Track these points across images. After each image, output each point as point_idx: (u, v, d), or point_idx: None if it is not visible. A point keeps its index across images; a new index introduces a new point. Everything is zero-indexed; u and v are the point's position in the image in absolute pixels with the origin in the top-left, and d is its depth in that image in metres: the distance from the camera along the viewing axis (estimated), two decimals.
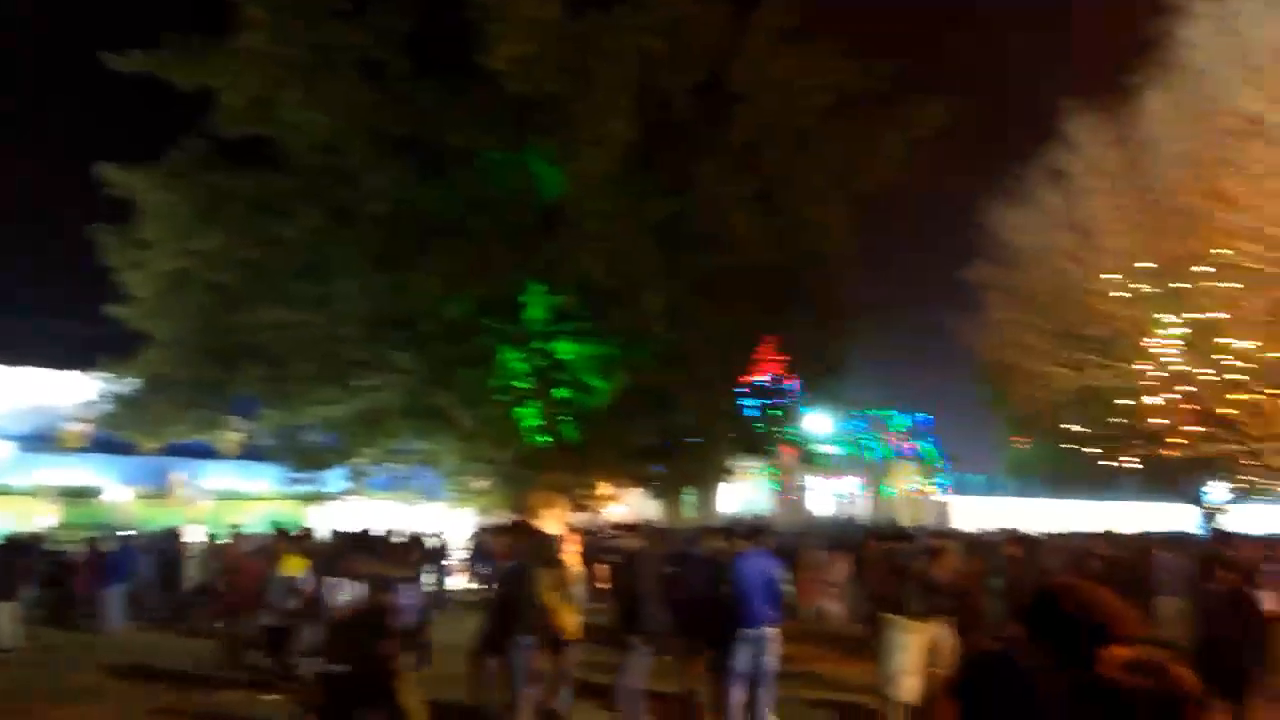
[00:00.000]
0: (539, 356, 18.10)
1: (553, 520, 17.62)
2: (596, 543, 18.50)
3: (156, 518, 22.41)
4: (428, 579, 16.04)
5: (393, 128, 15.87)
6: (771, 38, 16.25)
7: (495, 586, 9.42)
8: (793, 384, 22.43)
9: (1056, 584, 2.46)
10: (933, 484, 36.50)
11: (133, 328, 17.26)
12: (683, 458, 20.00)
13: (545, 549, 8.94)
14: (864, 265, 20.96)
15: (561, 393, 18.54)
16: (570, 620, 8.45)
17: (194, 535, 16.90)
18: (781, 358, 22.03)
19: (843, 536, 17.92)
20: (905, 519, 29.83)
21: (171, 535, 16.41)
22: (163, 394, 17.38)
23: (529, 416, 18.28)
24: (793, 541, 18.11)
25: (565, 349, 18.01)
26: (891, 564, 15.92)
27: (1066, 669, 2.17)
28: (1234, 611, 8.30)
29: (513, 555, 8.61)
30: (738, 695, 8.21)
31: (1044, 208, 10.34)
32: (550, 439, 18.13)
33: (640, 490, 22.01)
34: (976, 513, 33.30)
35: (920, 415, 36.96)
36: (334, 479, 18.56)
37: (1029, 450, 24.86)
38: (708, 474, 21.13)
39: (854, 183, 18.28)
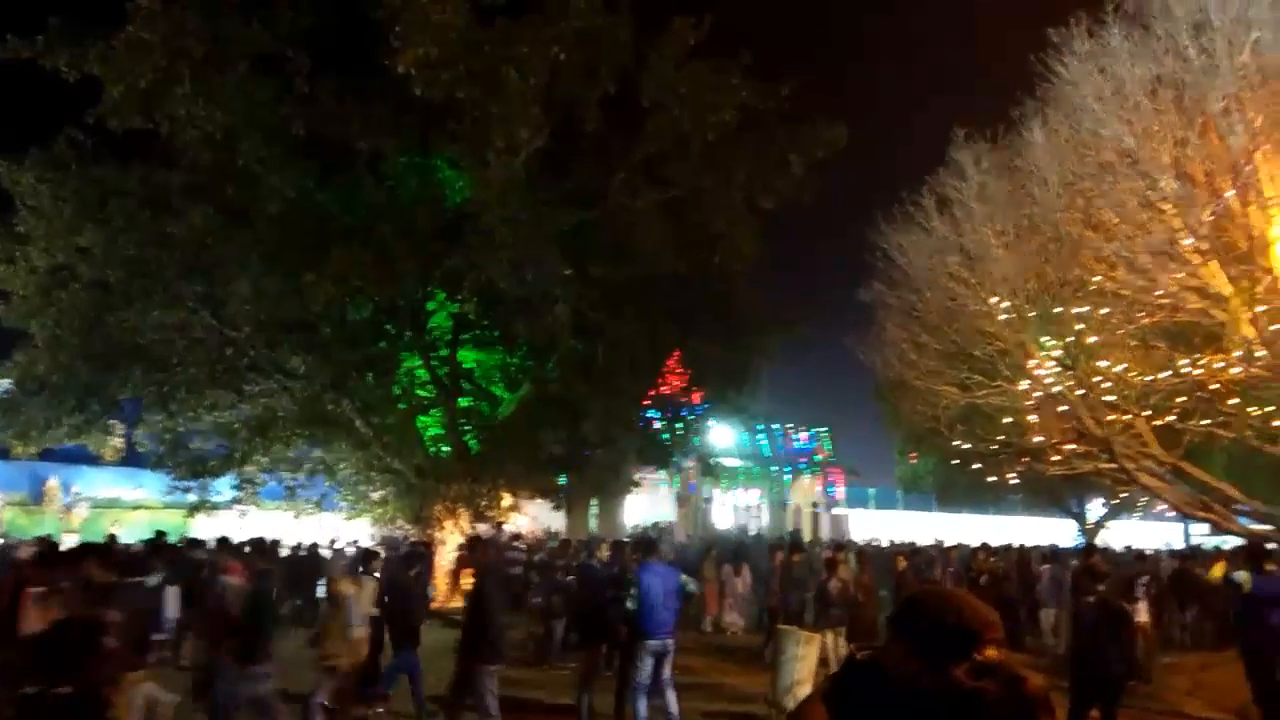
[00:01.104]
0: (442, 364, 17.86)
1: (454, 532, 17.40)
2: (498, 555, 18.33)
3: (31, 527, 21.19)
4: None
5: (292, 127, 15.45)
6: (679, 53, 16.48)
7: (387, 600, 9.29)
8: (698, 396, 22.67)
9: (923, 592, 2.50)
10: (832, 497, 37.37)
11: (8, 326, 16.35)
12: (588, 469, 19.99)
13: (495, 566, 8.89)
14: (770, 281, 21.34)
15: (465, 402, 18.33)
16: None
17: (70, 544, 16.02)
18: (688, 370, 22.26)
19: (742, 548, 18.19)
20: (805, 531, 30.46)
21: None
22: (39, 396, 16.49)
23: (431, 425, 18.00)
24: (693, 553, 18.29)
25: (469, 357, 17.83)
26: (788, 576, 16.32)
27: (931, 674, 2.20)
28: (1106, 622, 8.75)
29: (477, 573, 8.50)
30: (642, 706, 8.27)
31: (934, 232, 10.73)
32: (452, 449, 17.89)
33: (544, 501, 21.89)
34: (872, 525, 34.28)
35: (821, 430, 37.85)
36: (222, 488, 17.88)
37: (921, 465, 25.74)
38: (613, 485, 21.17)
39: (760, 199, 18.65)
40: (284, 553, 16.21)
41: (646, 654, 8.30)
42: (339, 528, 20.75)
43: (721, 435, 27.73)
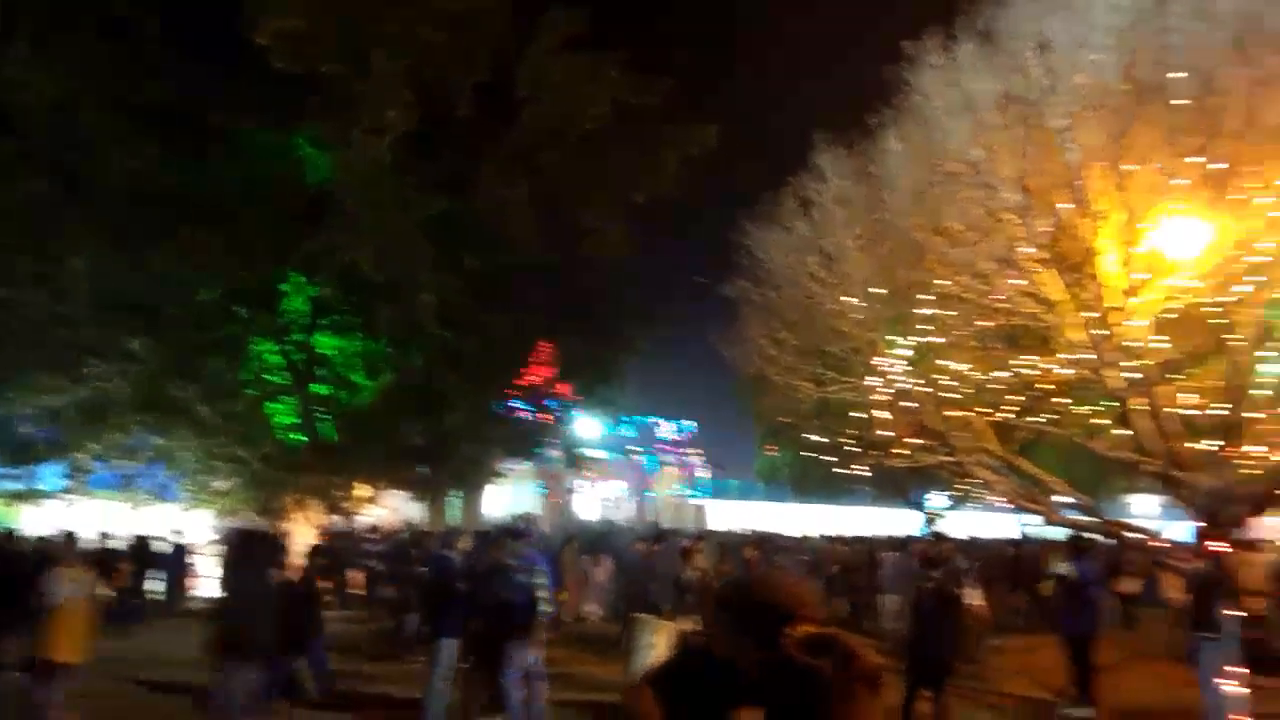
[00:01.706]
0: (296, 350, 17.16)
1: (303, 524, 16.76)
2: (353, 547, 17.76)
3: None
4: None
5: (139, 96, 14.47)
6: (555, 43, 16.37)
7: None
8: (565, 388, 22.61)
9: (745, 574, 2.55)
10: (694, 488, 38.09)
11: None
12: (450, 459, 19.63)
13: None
14: (640, 275, 21.53)
15: (320, 389, 17.67)
16: None
17: None
18: (556, 362, 22.17)
19: (603, 539, 18.29)
20: (667, 522, 30.89)
21: None
22: None
23: (282, 413, 17.26)
24: (557, 545, 18.25)
25: (326, 343, 17.19)
26: (646, 565, 16.51)
27: (759, 654, 2.23)
28: (941, 608, 9.25)
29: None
30: (516, 695, 8.23)
31: (795, 232, 11.06)
32: (305, 438, 17.21)
33: (402, 492, 21.37)
34: (733, 516, 35.07)
35: (685, 423, 38.52)
36: (50, 476, 16.62)
37: (780, 457, 26.54)
38: (475, 476, 20.87)
39: (632, 194, 18.78)
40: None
41: (516, 644, 8.30)
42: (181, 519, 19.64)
43: (588, 427, 27.78)
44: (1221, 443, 9.68)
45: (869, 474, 14.75)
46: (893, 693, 9.24)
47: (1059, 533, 14.67)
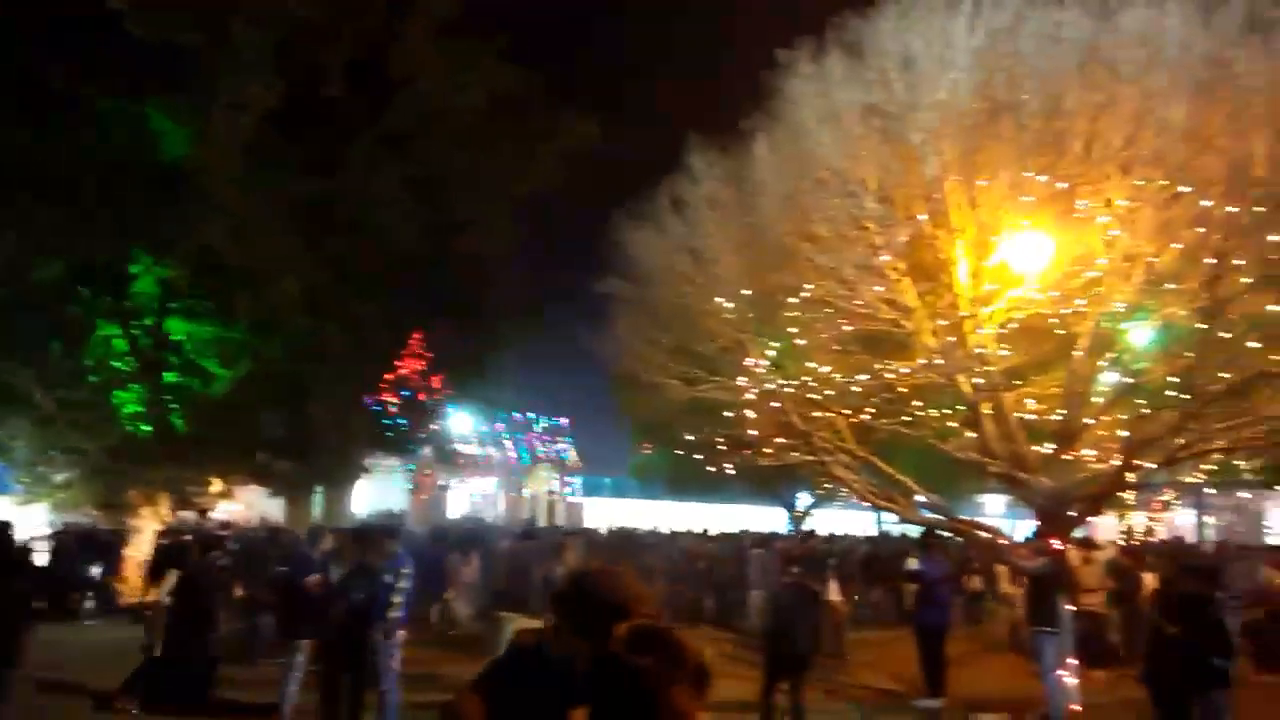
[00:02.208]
0: (145, 335, 16.17)
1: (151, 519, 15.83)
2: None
3: None
4: None
5: None
6: (430, 27, 15.95)
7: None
8: (438, 382, 22.12)
9: (583, 571, 2.51)
10: (568, 486, 38.02)
11: None
12: (313, 453, 18.91)
13: None
14: (518, 270, 21.22)
15: (171, 377, 16.71)
16: None
17: None
18: (428, 355, 21.65)
19: (472, 537, 18.00)
20: (541, 520, 30.72)
21: None
22: None
23: (128, 402, 16.23)
24: (424, 542, 17.86)
25: (178, 328, 16.26)
26: (516, 563, 16.36)
27: (593, 651, 2.19)
28: (799, 602, 9.49)
29: None
30: (392, 698, 8.02)
31: (668, 232, 11.12)
32: (154, 428, 16.24)
33: (261, 488, 20.46)
34: (607, 513, 35.16)
35: (561, 420, 38.39)
36: None
37: (652, 455, 26.74)
38: (340, 471, 20.16)
39: (511, 186, 18.52)
40: None
41: (382, 644, 8.11)
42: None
43: (460, 422, 27.30)
44: (1060, 446, 10.26)
45: (738, 472, 15.00)
46: (753, 686, 9.44)
47: (917, 530, 15.32)
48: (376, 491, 28.02)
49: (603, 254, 12.21)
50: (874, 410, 11.31)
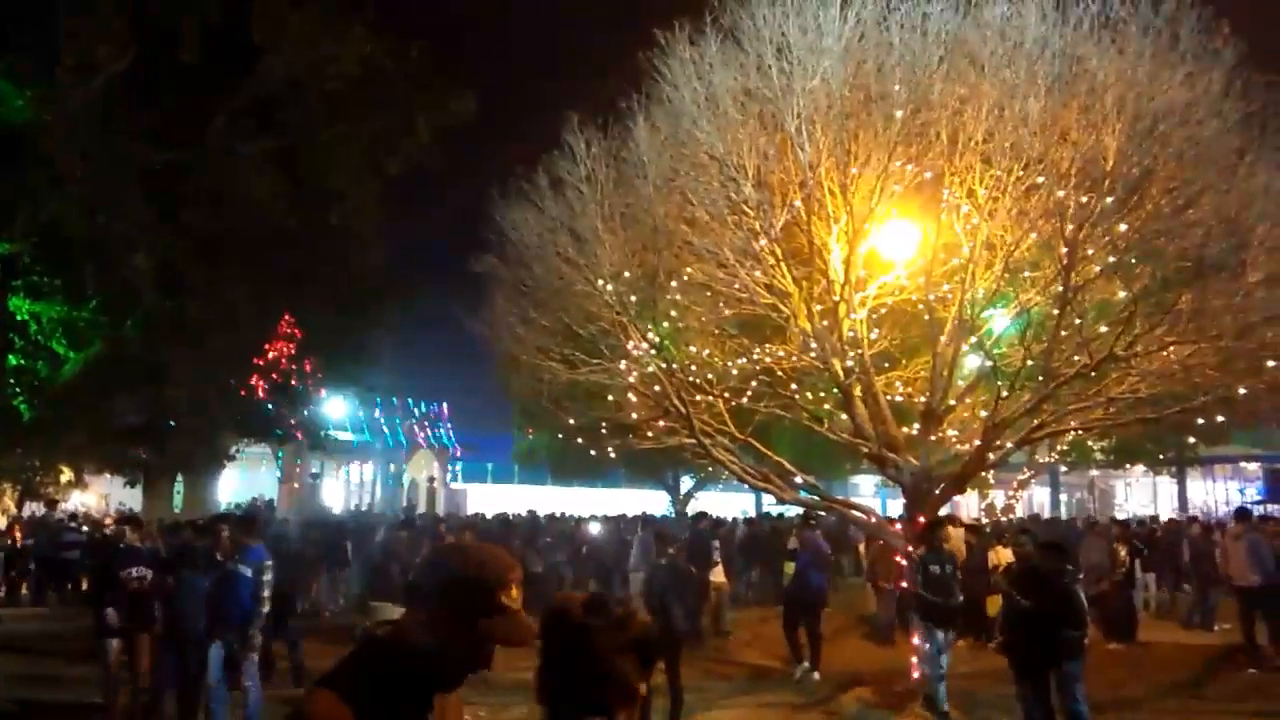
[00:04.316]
0: None
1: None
2: (51, 538, 15.82)
3: None
4: None
5: None
6: None
7: None
8: (310, 365, 21.27)
9: (436, 548, 2.41)
10: (448, 472, 37.35)
11: None
12: (172, 440, 17.93)
13: None
14: (394, 248, 20.61)
15: (14, 360, 15.52)
16: None
17: None
18: (300, 337, 20.79)
19: (346, 526, 17.49)
20: (421, 507, 30.07)
21: None
22: None
23: None
24: (294, 533, 17.23)
25: (20, 307, 15.10)
26: (393, 552, 15.96)
27: (469, 629, 2.12)
28: (675, 584, 9.56)
29: None
30: (255, 696, 7.71)
31: (547, 211, 10.95)
32: None
33: (116, 476, 19.31)
34: (489, 500, 34.79)
35: (441, 404, 37.69)
36: None
37: (536, 440, 26.56)
38: (202, 459, 19.20)
39: (384, 162, 17.92)
40: None
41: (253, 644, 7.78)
42: None
43: (335, 407, 26.39)
44: (926, 427, 10.62)
45: (620, 456, 15.01)
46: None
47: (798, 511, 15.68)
48: (244, 480, 26.85)
49: (480, 233, 11.94)
50: (753, 393, 11.46)
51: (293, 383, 20.93)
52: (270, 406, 20.64)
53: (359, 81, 16.24)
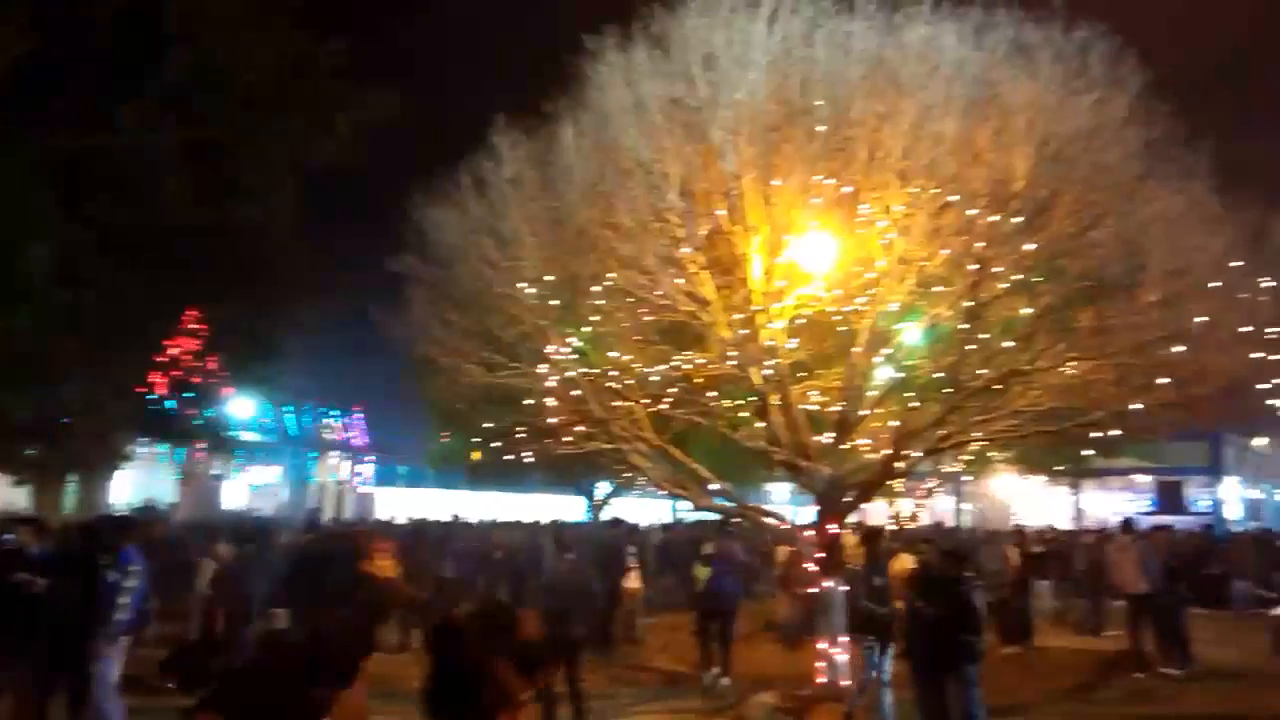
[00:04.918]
0: None
1: None
2: None
3: None
4: None
5: None
6: None
7: None
8: (215, 363, 20.49)
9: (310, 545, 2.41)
10: (359, 475, 36.51)
11: None
12: (65, 438, 17.09)
13: None
14: (309, 246, 20.00)
15: None
16: None
17: None
18: (204, 333, 20.02)
19: (249, 530, 16.92)
20: (329, 511, 29.32)
21: None
22: None
23: None
24: (195, 537, 16.61)
25: None
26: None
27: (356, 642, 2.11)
28: (575, 586, 9.53)
29: None
30: (115, 714, 7.30)
31: (469, 212, 10.83)
32: None
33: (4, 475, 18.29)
34: (401, 504, 34.15)
35: (353, 405, 36.80)
36: None
37: (452, 443, 26.15)
38: (96, 458, 18.33)
39: (304, 157, 17.44)
40: None
41: (118, 653, 7.41)
42: None
43: (239, 407, 25.52)
44: (838, 436, 10.85)
45: (537, 461, 14.90)
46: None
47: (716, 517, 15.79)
48: (141, 481, 25.73)
49: (399, 232, 11.73)
50: (672, 400, 11.52)
51: (195, 381, 20.14)
52: (171, 405, 19.83)
53: (279, 74, 15.77)
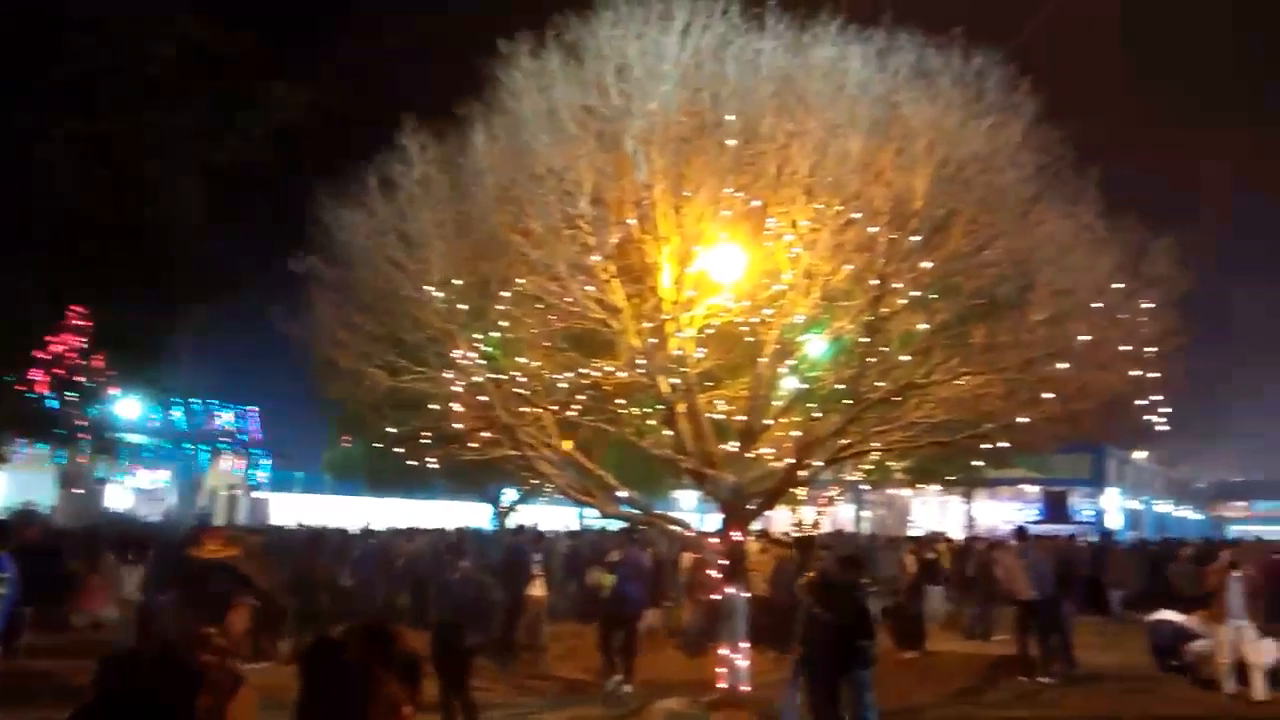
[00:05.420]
0: None
1: None
2: None
3: None
4: None
5: None
6: None
7: None
8: (101, 361, 19.51)
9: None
10: (253, 480, 35.27)
11: None
12: None
13: None
14: (203, 241, 19.20)
15: None
16: None
17: None
18: (90, 330, 19.05)
19: (133, 534, 16.21)
20: (220, 516, 28.24)
21: None
22: None
23: None
24: (77, 540, 15.84)
25: None
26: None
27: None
28: (468, 595, 9.39)
29: None
30: None
31: (376, 213, 10.61)
32: None
33: None
34: (297, 510, 33.11)
35: (248, 408, 35.53)
36: None
37: (354, 449, 25.52)
38: None
39: (209, 153, 16.79)
40: None
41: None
42: None
43: (126, 408, 24.36)
44: (743, 445, 11.02)
45: (441, 467, 14.68)
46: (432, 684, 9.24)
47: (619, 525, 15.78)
48: (20, 483, 24.30)
49: (303, 232, 11.41)
50: (580, 407, 11.52)
51: (79, 379, 19.13)
52: (53, 403, 18.78)
53: (183, 67, 15.16)
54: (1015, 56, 9.85)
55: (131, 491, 31.73)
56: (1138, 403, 10.56)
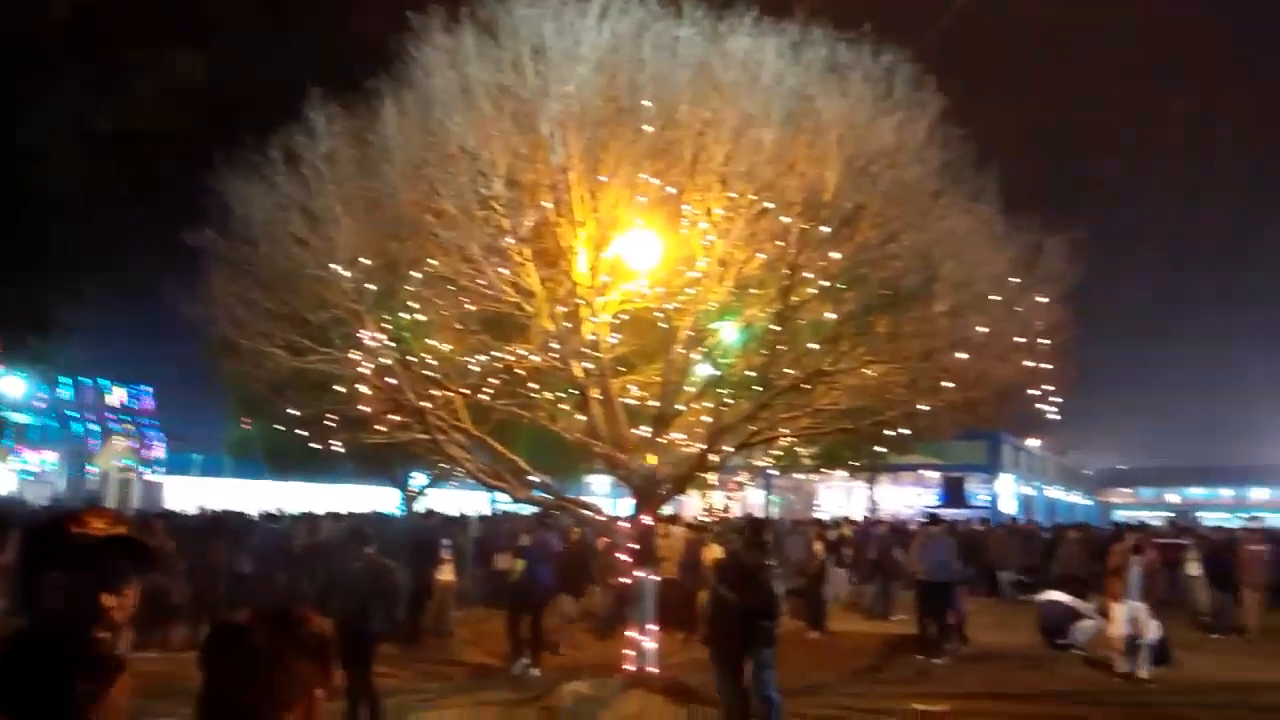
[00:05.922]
0: None
1: None
2: None
3: None
4: None
5: None
6: None
7: None
8: None
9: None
10: (145, 462, 33.84)
11: None
12: None
13: None
14: (95, 213, 18.25)
15: None
16: None
17: None
18: None
19: (10, 517, 15.41)
20: (112, 499, 27.04)
21: None
22: None
23: None
24: None
25: None
26: None
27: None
28: (370, 581, 9.27)
29: None
30: None
31: (278, 187, 10.23)
32: None
33: None
34: (194, 493, 31.97)
35: (142, 387, 34.02)
36: None
37: (254, 431, 24.71)
38: None
39: (94, 120, 15.91)
40: None
41: None
42: None
43: (11, 386, 23.07)
44: (655, 430, 11.08)
45: (348, 451, 14.34)
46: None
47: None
48: None
49: (201, 205, 10.92)
50: (492, 390, 11.40)
51: None
52: None
53: (69, 27, 14.32)
54: (922, 55, 10.09)
55: (14, 475, 30.05)
56: (1031, 392, 11.00)
